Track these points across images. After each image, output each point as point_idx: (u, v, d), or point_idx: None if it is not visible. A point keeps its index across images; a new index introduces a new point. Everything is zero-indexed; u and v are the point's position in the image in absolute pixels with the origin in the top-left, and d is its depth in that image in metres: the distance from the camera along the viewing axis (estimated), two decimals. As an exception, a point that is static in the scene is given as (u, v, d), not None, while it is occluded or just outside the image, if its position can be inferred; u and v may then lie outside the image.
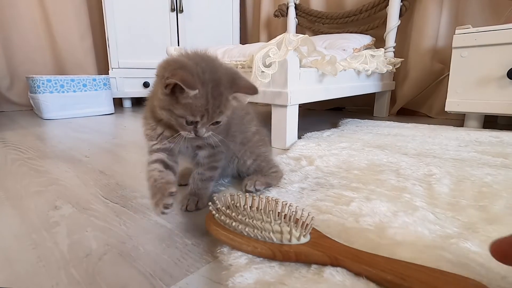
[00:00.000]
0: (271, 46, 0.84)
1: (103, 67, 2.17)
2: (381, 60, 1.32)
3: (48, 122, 1.49)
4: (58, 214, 0.51)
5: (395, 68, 1.51)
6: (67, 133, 1.23)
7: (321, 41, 1.54)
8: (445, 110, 1.19)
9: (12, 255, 0.40)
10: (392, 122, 1.30)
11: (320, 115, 1.70)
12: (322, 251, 0.35)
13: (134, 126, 1.38)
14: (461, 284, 0.29)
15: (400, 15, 1.47)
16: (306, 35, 0.86)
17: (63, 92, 1.60)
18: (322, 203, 0.51)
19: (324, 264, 0.35)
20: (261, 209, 0.41)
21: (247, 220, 0.38)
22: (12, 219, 0.50)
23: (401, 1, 1.45)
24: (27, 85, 1.76)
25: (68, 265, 0.37)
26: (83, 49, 2.03)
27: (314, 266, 0.34)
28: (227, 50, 1.03)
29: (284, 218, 0.39)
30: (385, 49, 1.48)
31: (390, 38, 1.48)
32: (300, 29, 1.96)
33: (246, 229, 0.37)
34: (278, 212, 0.40)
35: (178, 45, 2.06)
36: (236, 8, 2.18)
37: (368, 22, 1.65)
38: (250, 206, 0.41)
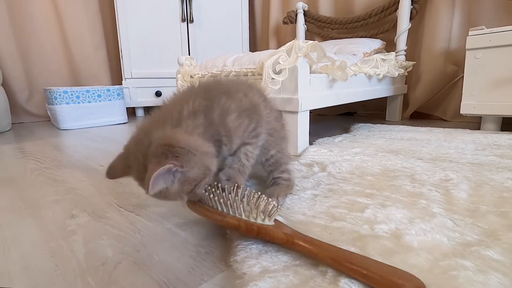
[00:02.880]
0: (281, 53, 0.85)
1: (116, 77, 2.23)
2: (392, 64, 1.30)
3: (64, 132, 1.53)
4: (74, 223, 0.52)
5: (407, 72, 1.49)
6: (83, 142, 1.26)
7: (331, 46, 1.54)
8: (461, 113, 1.16)
9: (30, 263, 0.41)
10: (405, 126, 1.28)
11: (332, 120, 1.69)
12: (281, 231, 0.39)
13: (147, 134, 1.40)
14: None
15: (411, 18, 1.45)
16: (316, 41, 0.86)
17: (79, 103, 1.64)
18: (335, 210, 0.50)
19: (279, 241, 0.39)
20: (240, 197, 0.43)
21: (222, 200, 0.42)
22: (30, 227, 0.51)
23: (412, 4, 1.43)
24: (45, 96, 1.82)
25: (84, 274, 0.38)
26: (97, 60, 2.10)
27: (329, 275, 0.34)
28: (237, 58, 1.04)
29: (256, 206, 0.42)
30: (396, 53, 1.46)
31: (401, 42, 1.47)
32: (309, 35, 1.96)
33: (219, 206, 0.42)
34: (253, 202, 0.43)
35: (189, 54, 2.09)
36: (245, 16, 2.21)
37: (378, 26, 1.64)
38: (229, 194, 0.43)
